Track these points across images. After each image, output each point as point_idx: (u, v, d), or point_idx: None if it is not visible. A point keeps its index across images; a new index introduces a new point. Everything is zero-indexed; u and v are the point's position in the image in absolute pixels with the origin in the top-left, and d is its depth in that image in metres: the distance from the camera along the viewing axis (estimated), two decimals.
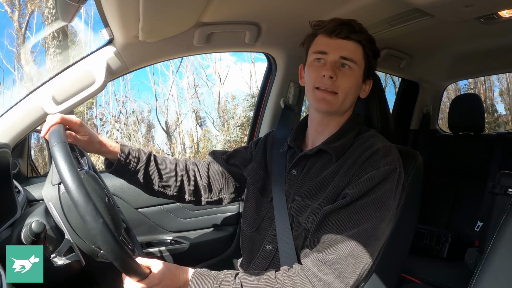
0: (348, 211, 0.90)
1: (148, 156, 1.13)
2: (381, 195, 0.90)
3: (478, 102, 2.34)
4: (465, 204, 2.24)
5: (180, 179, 1.17)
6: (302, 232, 0.98)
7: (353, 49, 1.00)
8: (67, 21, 0.97)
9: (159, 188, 1.15)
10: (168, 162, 1.17)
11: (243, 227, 1.16)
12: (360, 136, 1.03)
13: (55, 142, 0.81)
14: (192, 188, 1.19)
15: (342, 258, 0.86)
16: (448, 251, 1.93)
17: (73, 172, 0.75)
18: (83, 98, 1.24)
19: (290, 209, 1.03)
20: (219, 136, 7.63)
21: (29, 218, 0.92)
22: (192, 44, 1.35)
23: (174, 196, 1.18)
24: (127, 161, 1.09)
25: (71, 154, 0.79)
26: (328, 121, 1.05)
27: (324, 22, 1.02)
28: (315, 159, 1.04)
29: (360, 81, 1.03)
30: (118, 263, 0.76)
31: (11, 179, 1.15)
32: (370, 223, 0.88)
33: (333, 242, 0.88)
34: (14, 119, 1.21)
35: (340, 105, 1.00)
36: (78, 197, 0.73)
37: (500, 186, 1.59)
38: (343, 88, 0.98)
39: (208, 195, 1.21)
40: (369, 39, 1.02)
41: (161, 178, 1.14)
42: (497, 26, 1.51)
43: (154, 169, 1.13)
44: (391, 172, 0.92)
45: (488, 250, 0.89)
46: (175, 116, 8.64)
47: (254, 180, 1.15)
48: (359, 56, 1.01)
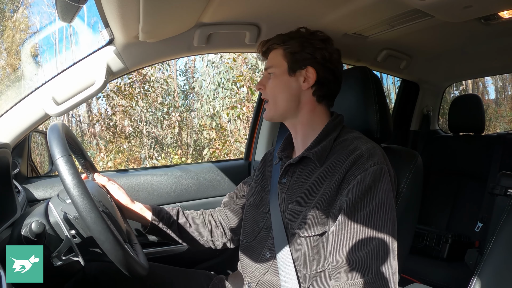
0: (359, 224, 0.88)
1: (177, 211, 1.27)
2: (384, 197, 0.90)
3: (478, 102, 2.34)
4: (465, 205, 2.24)
5: (209, 224, 1.28)
6: (297, 239, 1.00)
7: (272, 57, 1.10)
8: (67, 21, 0.97)
9: (193, 236, 1.26)
10: (194, 213, 1.30)
11: (242, 238, 1.19)
12: (343, 138, 1.04)
13: (59, 155, 0.81)
14: (221, 230, 1.29)
15: (379, 274, 0.83)
16: (448, 251, 1.93)
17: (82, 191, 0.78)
18: (83, 99, 1.24)
19: (284, 217, 1.05)
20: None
21: (29, 218, 0.92)
22: (192, 44, 1.35)
23: (208, 241, 1.28)
24: (160, 218, 1.22)
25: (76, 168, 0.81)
26: (291, 123, 1.11)
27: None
28: (301, 166, 1.06)
29: (286, 77, 1.07)
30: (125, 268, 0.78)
31: (11, 179, 1.15)
32: (386, 227, 0.87)
33: (362, 262, 0.84)
34: (14, 119, 1.21)
35: (274, 109, 1.08)
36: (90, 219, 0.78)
37: (500, 187, 1.59)
38: (269, 92, 1.09)
39: (235, 233, 1.29)
40: (282, 39, 1.08)
41: (192, 227, 1.26)
42: (497, 26, 1.51)
43: (185, 220, 1.26)
44: (381, 172, 0.92)
45: (488, 250, 0.89)
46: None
47: (249, 195, 1.21)
48: (277, 58, 1.08)
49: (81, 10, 0.93)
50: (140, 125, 6.10)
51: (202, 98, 5.88)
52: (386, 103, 1.19)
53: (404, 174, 1.09)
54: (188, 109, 6.64)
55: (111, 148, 5.90)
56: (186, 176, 1.72)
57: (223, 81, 5.32)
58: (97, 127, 6.43)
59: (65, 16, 0.95)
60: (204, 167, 1.82)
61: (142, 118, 6.08)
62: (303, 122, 1.08)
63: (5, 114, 1.21)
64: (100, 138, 6.11)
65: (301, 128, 1.09)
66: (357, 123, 1.16)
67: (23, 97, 1.22)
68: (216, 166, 1.84)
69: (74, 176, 0.79)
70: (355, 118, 1.18)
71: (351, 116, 1.18)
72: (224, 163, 1.93)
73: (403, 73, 2.23)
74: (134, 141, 6.13)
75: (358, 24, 1.42)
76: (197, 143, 6.60)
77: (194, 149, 6.58)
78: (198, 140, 6.60)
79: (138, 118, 6.06)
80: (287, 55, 1.07)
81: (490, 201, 1.75)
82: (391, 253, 0.86)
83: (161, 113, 6.17)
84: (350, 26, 1.44)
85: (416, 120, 2.64)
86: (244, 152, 2.06)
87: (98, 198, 0.97)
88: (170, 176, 1.69)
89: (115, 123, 5.92)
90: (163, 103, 6.23)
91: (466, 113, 2.34)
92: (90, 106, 7.22)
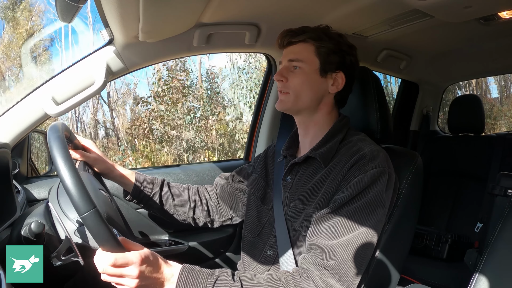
0: (342, 216, 0.90)
1: (162, 182, 1.24)
2: (372, 198, 0.91)
3: (478, 103, 2.34)
4: (464, 205, 2.24)
5: (193, 201, 1.25)
6: (298, 237, 1.00)
7: (300, 50, 1.05)
8: (67, 21, 0.97)
9: (174, 210, 1.23)
10: (180, 187, 1.27)
11: (245, 232, 1.18)
12: (348, 140, 1.04)
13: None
14: (205, 209, 1.26)
15: (342, 262, 0.86)
16: (447, 252, 1.94)
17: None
18: (83, 99, 1.24)
19: (286, 215, 1.05)
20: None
21: (28, 218, 0.92)
22: (192, 44, 1.35)
23: (189, 217, 1.25)
24: (142, 187, 1.19)
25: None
26: (303, 121, 1.09)
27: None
28: (305, 165, 1.07)
29: (316, 76, 1.04)
30: (93, 231, 0.73)
31: (11, 179, 1.15)
32: (364, 227, 0.89)
33: (330, 248, 0.87)
34: (14, 119, 1.21)
35: (294, 103, 1.05)
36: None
37: (499, 187, 1.59)
38: (293, 86, 1.04)
39: (221, 215, 1.28)
40: (317, 36, 1.04)
41: (175, 201, 1.23)
42: (497, 27, 1.51)
43: (168, 193, 1.23)
44: (379, 174, 0.93)
45: (488, 251, 0.89)
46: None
47: (254, 189, 1.19)
48: (308, 54, 1.04)
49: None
50: (176, 129, 6.35)
51: (231, 102, 6.14)
52: (386, 104, 1.18)
53: (404, 175, 1.09)
54: (215, 113, 6.81)
55: (141, 153, 6.10)
56: (186, 176, 1.72)
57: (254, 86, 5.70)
58: (128, 131, 6.64)
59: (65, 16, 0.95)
60: (204, 167, 1.82)
61: (176, 122, 6.34)
62: (317, 122, 1.08)
63: (5, 114, 1.21)
64: (128, 143, 6.27)
65: (313, 128, 1.08)
66: (358, 124, 1.16)
67: (23, 97, 1.22)
68: (216, 166, 1.84)
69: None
70: (356, 119, 1.18)
71: (351, 116, 1.18)
72: (224, 163, 1.93)
73: (403, 73, 2.23)
74: (168, 145, 6.31)
75: (358, 25, 1.42)
76: (231, 146, 6.80)
77: (228, 151, 6.77)
78: (231, 142, 6.80)
79: (173, 122, 6.31)
80: (320, 54, 1.04)
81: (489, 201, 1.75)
82: (361, 251, 0.87)
83: (195, 117, 6.39)
84: (350, 27, 1.44)
85: (416, 121, 2.64)
86: (244, 152, 2.06)
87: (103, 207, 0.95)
88: (171, 176, 1.69)
89: (150, 128, 6.15)
90: (199, 108, 6.49)
91: (466, 114, 2.34)
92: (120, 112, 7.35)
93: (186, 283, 0.82)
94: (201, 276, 0.83)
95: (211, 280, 0.83)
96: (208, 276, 0.84)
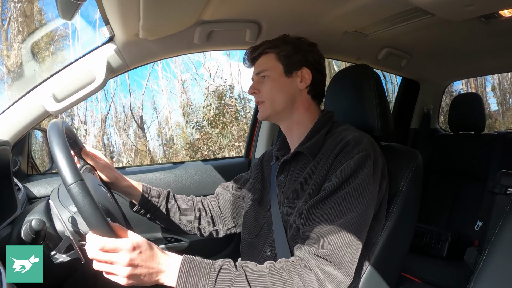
0: (331, 203, 0.91)
1: (168, 193, 1.27)
2: (360, 182, 0.92)
3: (478, 101, 2.34)
4: (465, 204, 2.24)
5: (198, 211, 1.28)
6: (294, 232, 1.01)
7: (263, 61, 1.13)
8: (68, 18, 0.97)
9: (180, 221, 1.26)
10: (185, 198, 1.30)
11: (243, 234, 1.21)
12: (333, 132, 1.07)
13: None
14: (210, 219, 1.29)
15: (336, 249, 0.87)
16: (447, 250, 1.93)
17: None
18: (84, 96, 1.24)
19: (282, 213, 1.07)
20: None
21: (29, 215, 0.92)
22: (193, 42, 1.35)
23: (195, 227, 1.28)
24: (149, 197, 1.22)
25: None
26: (286, 125, 1.15)
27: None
28: (295, 162, 1.10)
29: (283, 78, 1.11)
30: (78, 204, 0.72)
31: (11, 176, 1.15)
32: (355, 211, 0.90)
33: (323, 236, 0.88)
34: (15, 117, 1.21)
35: (271, 109, 1.11)
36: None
37: (500, 186, 1.60)
38: (265, 94, 1.11)
39: (224, 223, 1.30)
40: (274, 44, 1.13)
41: (181, 212, 1.26)
42: (498, 25, 1.51)
43: (174, 203, 1.26)
44: (365, 158, 0.94)
45: (488, 249, 0.89)
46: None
47: (251, 193, 1.22)
48: (271, 61, 1.12)
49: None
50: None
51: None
52: (386, 102, 1.18)
53: (404, 173, 1.09)
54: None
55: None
56: (186, 173, 1.73)
57: None
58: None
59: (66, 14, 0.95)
60: (204, 164, 1.82)
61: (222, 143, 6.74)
62: (298, 121, 1.12)
63: (5, 111, 1.21)
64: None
65: (296, 127, 1.13)
66: (358, 121, 1.16)
67: (23, 94, 1.22)
68: (216, 163, 1.84)
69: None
70: (356, 116, 1.18)
71: (351, 114, 1.18)
72: (224, 161, 1.94)
73: (403, 71, 2.23)
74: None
75: (359, 22, 1.42)
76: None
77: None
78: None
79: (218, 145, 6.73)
80: (281, 58, 1.11)
81: (490, 200, 1.75)
82: (355, 235, 0.89)
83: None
84: (350, 24, 1.44)
85: (416, 119, 2.64)
86: (244, 150, 2.07)
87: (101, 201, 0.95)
88: (170, 174, 1.69)
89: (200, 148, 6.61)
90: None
91: (466, 112, 2.33)
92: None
93: (188, 274, 0.80)
94: (204, 267, 0.82)
95: (214, 270, 0.82)
96: (211, 266, 0.82)
